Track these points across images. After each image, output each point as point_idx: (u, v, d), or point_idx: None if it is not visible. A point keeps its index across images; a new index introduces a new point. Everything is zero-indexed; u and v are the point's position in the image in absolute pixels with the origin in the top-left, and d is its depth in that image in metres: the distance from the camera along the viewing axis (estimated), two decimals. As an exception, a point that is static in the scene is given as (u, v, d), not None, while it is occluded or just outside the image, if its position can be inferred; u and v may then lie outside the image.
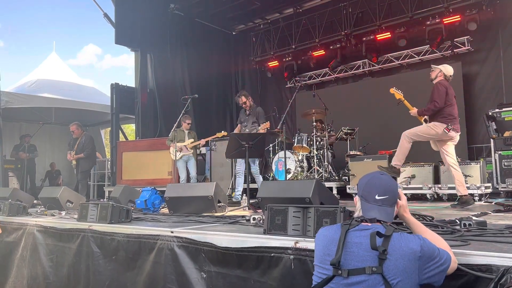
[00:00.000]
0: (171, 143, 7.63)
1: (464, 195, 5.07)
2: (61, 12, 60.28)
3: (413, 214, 2.96)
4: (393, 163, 5.38)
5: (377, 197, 1.87)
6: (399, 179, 7.10)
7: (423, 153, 8.26)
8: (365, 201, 1.89)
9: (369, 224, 1.81)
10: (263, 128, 6.47)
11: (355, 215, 1.96)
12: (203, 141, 7.97)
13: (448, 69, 5.35)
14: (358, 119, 9.27)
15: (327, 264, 1.76)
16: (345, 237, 1.76)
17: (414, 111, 5.48)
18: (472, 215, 3.45)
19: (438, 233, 2.45)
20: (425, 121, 5.39)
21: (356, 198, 1.99)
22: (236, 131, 7.03)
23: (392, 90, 5.63)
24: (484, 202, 5.97)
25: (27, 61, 61.70)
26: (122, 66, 64.26)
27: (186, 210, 4.62)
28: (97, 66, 63.75)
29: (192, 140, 7.87)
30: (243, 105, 6.90)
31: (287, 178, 7.49)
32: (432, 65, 5.54)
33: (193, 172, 7.89)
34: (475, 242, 2.20)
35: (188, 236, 3.02)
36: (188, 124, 7.99)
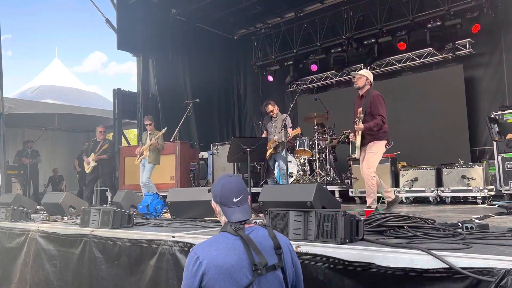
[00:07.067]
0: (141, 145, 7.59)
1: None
2: (66, 19, 60.77)
3: (415, 218, 2.95)
4: (372, 206, 4.96)
5: (234, 200, 1.98)
6: (401, 182, 7.09)
7: (425, 156, 8.26)
8: (225, 206, 1.98)
9: (253, 225, 1.96)
10: (293, 133, 6.59)
11: (222, 220, 2.01)
12: (153, 141, 7.32)
13: (371, 76, 5.21)
14: (360, 123, 9.24)
15: (243, 273, 1.78)
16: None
17: (361, 126, 4.98)
18: (475, 218, 3.44)
19: (440, 237, 2.44)
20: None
21: (214, 204, 2.05)
22: None
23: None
24: (487, 205, 5.95)
25: (30, 67, 62.10)
26: (127, 73, 64.78)
27: (188, 214, 4.61)
28: (101, 73, 64.05)
29: (149, 142, 7.42)
30: (271, 113, 7.12)
31: (290, 182, 7.48)
32: (354, 72, 5.32)
33: (143, 178, 7.34)
34: (477, 245, 2.19)
35: (189, 240, 3.03)
36: (148, 125, 7.65)
